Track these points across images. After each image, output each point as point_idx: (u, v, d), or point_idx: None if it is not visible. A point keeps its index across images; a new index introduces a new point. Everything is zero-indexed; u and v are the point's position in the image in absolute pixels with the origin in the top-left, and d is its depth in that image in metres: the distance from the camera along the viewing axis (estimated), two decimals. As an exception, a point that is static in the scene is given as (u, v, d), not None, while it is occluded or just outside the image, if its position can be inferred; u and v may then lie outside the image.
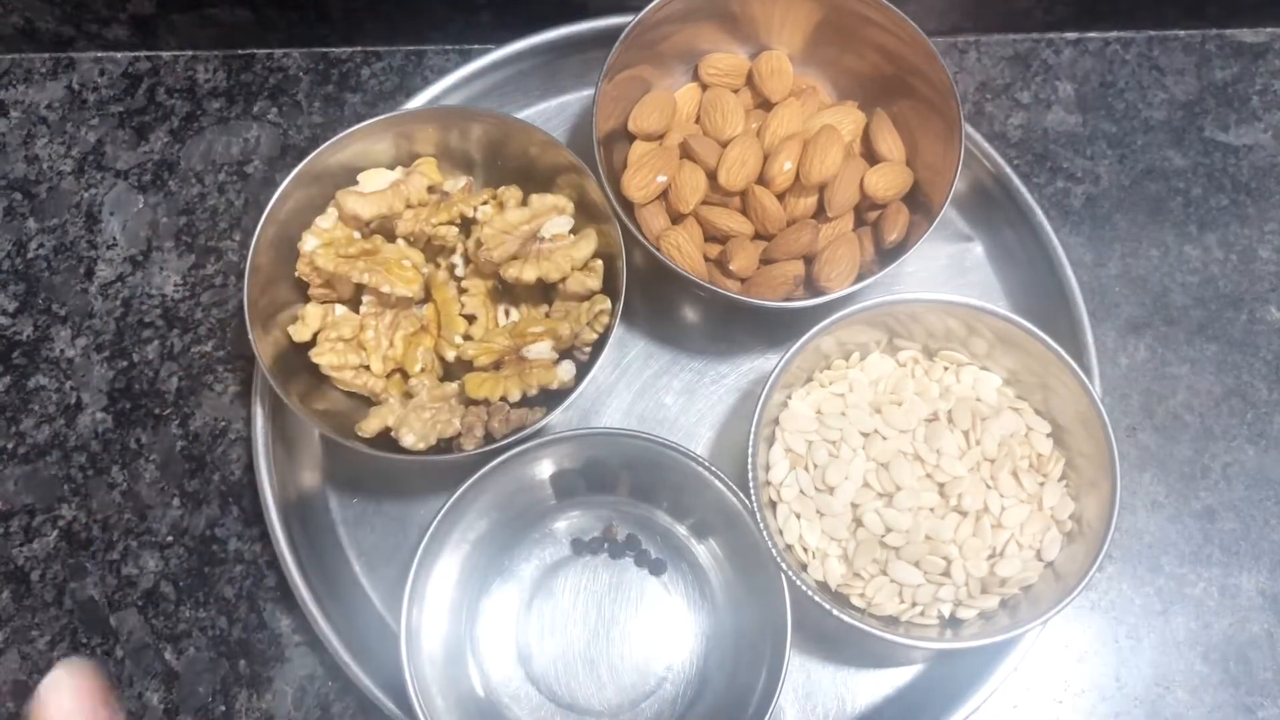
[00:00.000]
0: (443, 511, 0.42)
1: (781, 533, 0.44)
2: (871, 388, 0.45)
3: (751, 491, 0.42)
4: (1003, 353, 0.44)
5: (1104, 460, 0.41)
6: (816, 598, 0.41)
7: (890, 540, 0.43)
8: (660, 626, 0.47)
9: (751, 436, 0.42)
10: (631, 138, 0.49)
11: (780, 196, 0.47)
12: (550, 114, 0.54)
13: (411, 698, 0.41)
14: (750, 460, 0.42)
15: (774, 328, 0.51)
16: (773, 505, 0.45)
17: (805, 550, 0.44)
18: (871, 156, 0.48)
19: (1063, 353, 0.42)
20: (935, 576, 0.43)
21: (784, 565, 0.41)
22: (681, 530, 0.47)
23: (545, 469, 0.46)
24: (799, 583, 0.41)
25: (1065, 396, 0.43)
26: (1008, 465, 0.43)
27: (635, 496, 0.47)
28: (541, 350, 0.45)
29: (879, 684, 0.47)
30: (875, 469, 0.43)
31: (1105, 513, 0.41)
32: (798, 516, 0.44)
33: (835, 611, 0.41)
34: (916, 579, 0.43)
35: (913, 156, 0.48)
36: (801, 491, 0.44)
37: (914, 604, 0.43)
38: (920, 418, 0.44)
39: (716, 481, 0.43)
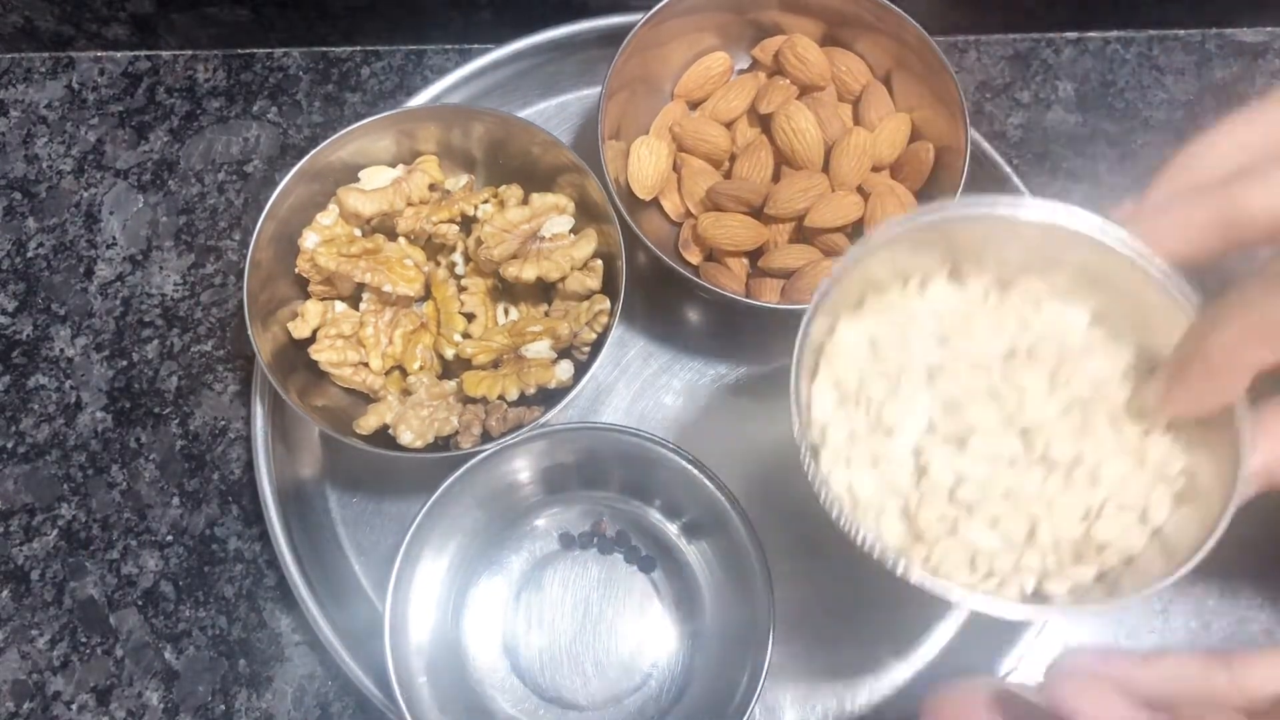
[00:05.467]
0: (430, 503, 0.42)
1: (827, 483, 0.34)
2: (935, 320, 0.36)
3: (797, 434, 0.34)
4: (1089, 290, 0.35)
5: None
6: (875, 556, 0.32)
7: (962, 495, 0.34)
8: (647, 623, 0.47)
9: (794, 368, 0.34)
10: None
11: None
12: (550, 114, 0.54)
13: (393, 686, 0.41)
14: (793, 396, 0.34)
15: (774, 329, 0.51)
16: (815, 450, 0.35)
17: (855, 504, 0.35)
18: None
19: (1172, 279, 0.33)
20: (1017, 541, 0.34)
21: (841, 518, 0.33)
22: (672, 529, 0.47)
23: (537, 462, 0.46)
24: (856, 539, 0.33)
25: (1170, 335, 0.33)
26: (1104, 410, 0.34)
27: (627, 493, 0.47)
28: (540, 349, 0.45)
29: (879, 684, 0.47)
30: (943, 408, 0.34)
31: (1226, 468, 0.32)
32: (847, 462, 0.35)
33: (901, 569, 0.32)
34: (994, 543, 0.33)
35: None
36: (852, 433, 0.35)
37: (990, 574, 0.34)
38: (997, 353, 0.35)
39: (707, 482, 0.43)
